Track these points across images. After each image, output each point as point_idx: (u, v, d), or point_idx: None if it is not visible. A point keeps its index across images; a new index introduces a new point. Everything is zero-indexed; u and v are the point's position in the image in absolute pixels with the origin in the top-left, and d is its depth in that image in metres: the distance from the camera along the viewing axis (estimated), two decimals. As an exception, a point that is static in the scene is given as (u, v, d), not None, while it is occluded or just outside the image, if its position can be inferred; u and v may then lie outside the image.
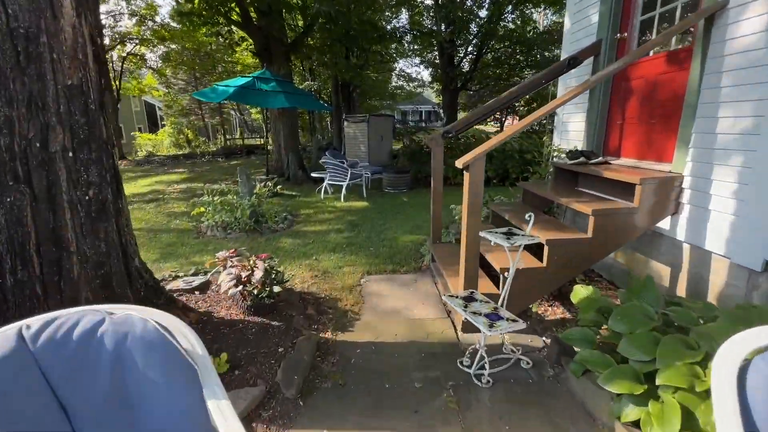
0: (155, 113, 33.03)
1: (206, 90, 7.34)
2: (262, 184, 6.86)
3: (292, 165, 9.96)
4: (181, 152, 19.91)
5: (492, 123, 48.56)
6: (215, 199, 6.08)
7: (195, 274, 3.82)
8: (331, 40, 9.87)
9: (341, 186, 8.10)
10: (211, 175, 12.47)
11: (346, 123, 15.35)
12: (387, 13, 20.01)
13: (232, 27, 9.35)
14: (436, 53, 20.08)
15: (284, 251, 4.85)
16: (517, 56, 15.75)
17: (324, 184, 8.54)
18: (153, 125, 32.69)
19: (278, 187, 7.98)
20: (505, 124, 48.07)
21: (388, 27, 22.89)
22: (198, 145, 21.68)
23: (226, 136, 27.10)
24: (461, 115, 26.37)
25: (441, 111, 46.75)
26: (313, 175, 8.72)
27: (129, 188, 10.25)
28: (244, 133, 32.46)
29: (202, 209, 5.93)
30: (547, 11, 17.22)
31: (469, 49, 16.25)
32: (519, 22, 15.99)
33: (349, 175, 7.94)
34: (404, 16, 20.91)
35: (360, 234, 5.55)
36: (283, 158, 10.60)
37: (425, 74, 28.73)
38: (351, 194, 8.63)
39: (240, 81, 7.38)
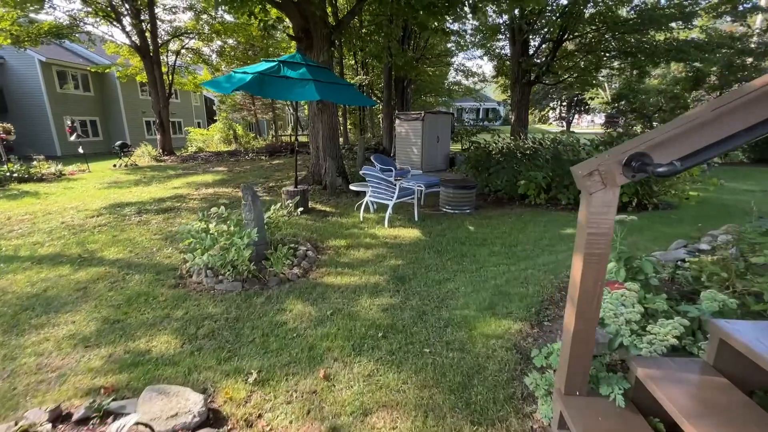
0: (214, 108, 33.09)
1: (220, 78, 5.58)
2: (278, 205, 4.93)
3: (330, 172, 8.03)
4: (227, 149, 18.96)
5: (556, 123, 43.78)
6: (211, 226, 4.25)
7: (82, 422, 1.90)
8: (386, 15, 7.73)
9: (387, 204, 6.00)
10: (246, 177, 10.95)
11: (397, 121, 13.21)
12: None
13: (266, 5, 7.53)
14: (503, 43, 17.28)
15: (281, 335, 2.84)
16: (607, 43, 12.60)
17: (365, 199, 6.48)
18: (212, 120, 32.79)
19: (299, 210, 6.01)
20: (574, 123, 42.91)
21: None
22: (248, 141, 20.71)
23: (277, 133, 26.12)
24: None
25: (501, 108, 43.07)
26: (353, 188, 6.71)
27: (155, 191, 8.93)
28: (297, 130, 31.50)
29: (191, 240, 4.12)
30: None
31: (546, 36, 13.37)
32: (609, 2, 12.77)
33: (396, 193, 5.81)
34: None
35: (407, 301, 3.41)
36: (321, 163, 8.71)
37: (486, 68, 25.74)
38: (398, 214, 6.51)
39: (261, 66, 5.52)
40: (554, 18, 11.99)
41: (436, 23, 7.81)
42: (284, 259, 4.07)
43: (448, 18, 7.95)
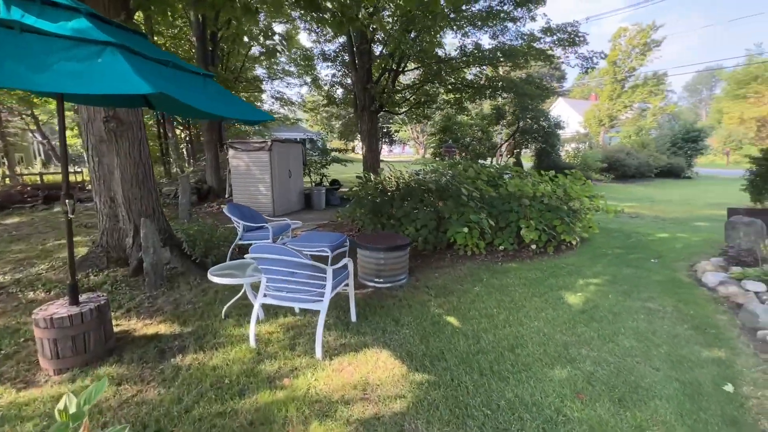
0: None
1: None
2: None
3: (151, 245, 4.18)
4: None
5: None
6: None
7: None
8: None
9: (306, 307, 3.03)
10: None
11: (232, 152, 9.63)
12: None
13: None
14: (331, 71, 15.95)
15: None
16: (435, 78, 12.84)
17: (255, 307, 3.26)
18: None
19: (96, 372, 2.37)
20: (392, 150, 45.63)
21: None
22: (-53, 187, 12.07)
23: (13, 171, 16.83)
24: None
25: (317, 139, 42.60)
26: (218, 280, 3.32)
27: None
28: (47, 166, 21.74)
29: None
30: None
31: (384, 66, 12.65)
32: (425, 44, 13.06)
33: (330, 286, 2.94)
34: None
35: None
36: (123, 227, 4.67)
37: (312, 97, 24.14)
38: (313, 315, 3.57)
39: None
40: (385, 50, 11.36)
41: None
42: None
43: None
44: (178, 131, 19.85)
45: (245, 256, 3.02)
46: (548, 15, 10.35)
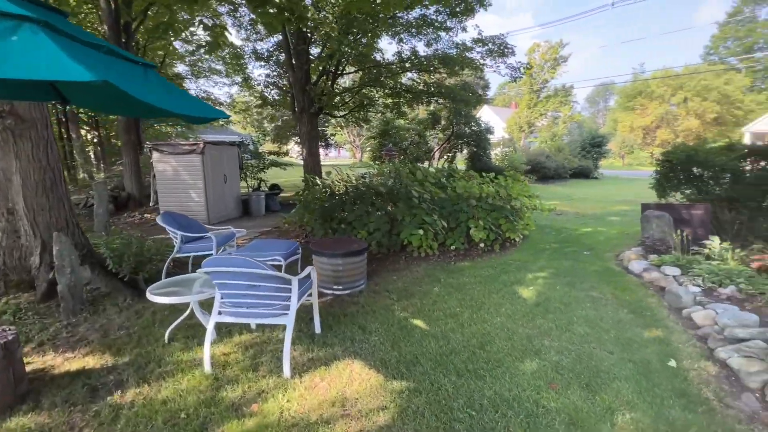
0: None
1: None
2: None
3: (65, 263, 3.54)
4: None
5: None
6: None
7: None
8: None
9: (267, 322, 2.78)
10: None
11: (156, 155, 8.69)
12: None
13: None
14: (265, 71, 15.24)
15: None
16: (374, 83, 12.93)
17: (209, 327, 2.93)
18: None
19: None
20: (328, 154, 44.63)
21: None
22: None
23: None
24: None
25: (250, 142, 40.45)
26: (158, 298, 2.91)
27: None
28: None
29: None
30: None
31: (322, 68, 12.41)
32: (363, 49, 13.17)
33: (296, 298, 2.74)
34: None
35: None
36: (26, 244, 3.92)
37: (243, 97, 22.68)
38: (273, 330, 3.31)
39: None
40: (324, 52, 11.22)
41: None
42: None
43: None
44: (83, 131, 17.45)
45: (198, 270, 2.69)
46: (480, 26, 11.07)
